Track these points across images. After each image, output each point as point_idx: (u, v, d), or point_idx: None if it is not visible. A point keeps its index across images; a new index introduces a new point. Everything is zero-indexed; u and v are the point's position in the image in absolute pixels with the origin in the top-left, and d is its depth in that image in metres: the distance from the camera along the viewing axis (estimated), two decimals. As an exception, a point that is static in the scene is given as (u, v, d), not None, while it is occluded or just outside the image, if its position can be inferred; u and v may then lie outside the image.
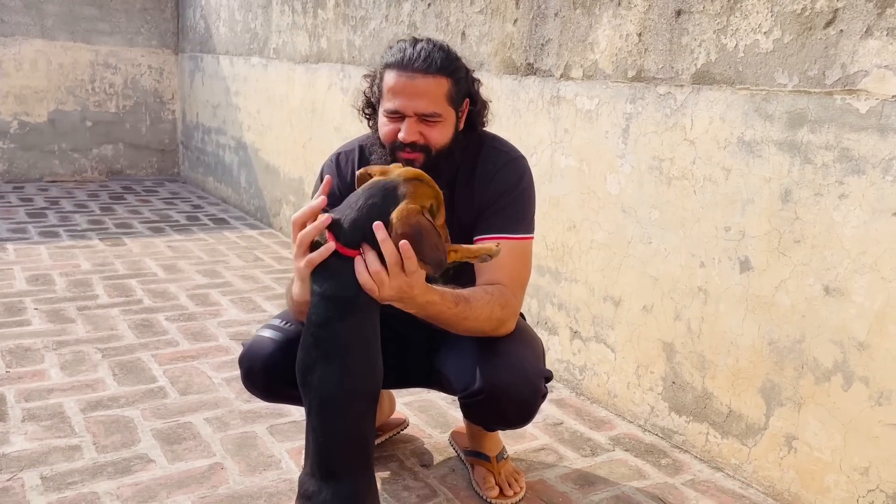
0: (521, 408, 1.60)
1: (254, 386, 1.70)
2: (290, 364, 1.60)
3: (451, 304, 1.46)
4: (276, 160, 4.70)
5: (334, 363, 1.34)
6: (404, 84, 1.53)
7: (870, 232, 1.67)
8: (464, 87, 1.62)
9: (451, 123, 1.59)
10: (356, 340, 1.36)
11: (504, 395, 1.54)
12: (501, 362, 1.55)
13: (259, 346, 1.66)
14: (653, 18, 2.14)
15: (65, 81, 5.87)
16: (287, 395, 1.70)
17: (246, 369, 1.68)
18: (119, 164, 6.22)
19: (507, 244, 1.60)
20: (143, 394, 2.32)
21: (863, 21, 1.65)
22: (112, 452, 1.96)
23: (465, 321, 1.50)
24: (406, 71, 1.54)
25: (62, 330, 2.81)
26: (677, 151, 2.11)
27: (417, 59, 1.54)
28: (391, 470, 1.97)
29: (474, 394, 1.55)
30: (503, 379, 1.53)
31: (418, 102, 1.53)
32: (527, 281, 1.68)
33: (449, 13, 2.96)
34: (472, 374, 1.56)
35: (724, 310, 2.01)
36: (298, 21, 4.25)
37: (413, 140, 1.54)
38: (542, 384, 1.61)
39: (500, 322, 1.56)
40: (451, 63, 1.58)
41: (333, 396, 1.33)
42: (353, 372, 1.35)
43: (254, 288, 3.49)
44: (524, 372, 1.57)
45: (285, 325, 1.69)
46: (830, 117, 1.73)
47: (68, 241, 4.12)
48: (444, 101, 1.56)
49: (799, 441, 1.85)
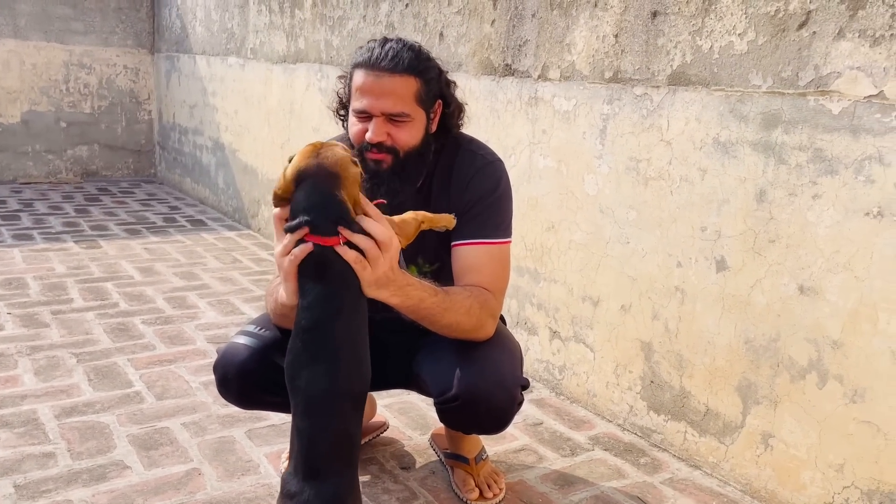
0: (496, 415, 1.59)
1: (228, 393, 1.69)
2: (265, 371, 1.59)
3: (431, 292, 1.46)
4: (254, 161, 4.66)
5: (323, 364, 1.33)
6: (371, 83, 1.53)
7: (843, 232, 1.69)
8: (435, 87, 1.61)
9: (420, 124, 1.58)
10: (345, 341, 1.36)
11: (479, 402, 1.54)
12: (478, 368, 1.54)
13: (233, 353, 1.65)
14: (629, 20, 2.15)
15: (38, 82, 5.79)
16: (263, 401, 1.69)
17: (220, 376, 1.67)
18: (94, 165, 6.14)
19: (486, 249, 1.60)
20: (118, 399, 2.29)
21: (835, 23, 1.67)
22: (87, 459, 1.94)
23: (446, 312, 1.49)
24: (373, 70, 1.53)
25: (36, 335, 2.76)
26: (654, 152, 2.12)
27: (385, 58, 1.53)
28: (371, 473, 1.96)
29: (450, 399, 1.55)
30: (479, 385, 1.53)
31: (385, 102, 1.52)
32: (506, 285, 1.67)
33: (427, 13, 2.96)
34: (449, 380, 1.55)
35: (701, 309, 2.02)
36: (276, 21, 4.22)
37: (380, 140, 1.54)
38: (518, 391, 1.60)
39: (479, 321, 1.55)
40: (421, 63, 1.57)
41: (321, 397, 1.33)
42: (341, 372, 1.34)
43: (232, 290, 3.46)
44: (500, 379, 1.56)
45: (260, 331, 1.68)
46: (804, 118, 1.75)
47: (42, 244, 4.06)
48: (412, 100, 1.55)
49: (775, 439, 1.87)
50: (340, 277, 1.34)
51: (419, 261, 1.70)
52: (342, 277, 1.34)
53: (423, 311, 1.47)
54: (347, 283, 1.35)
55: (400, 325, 1.64)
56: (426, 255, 1.69)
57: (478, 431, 1.72)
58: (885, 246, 1.61)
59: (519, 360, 1.67)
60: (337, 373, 1.34)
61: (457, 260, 1.62)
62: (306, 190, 1.34)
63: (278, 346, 1.62)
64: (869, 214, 1.63)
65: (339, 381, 1.34)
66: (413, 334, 1.67)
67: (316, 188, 1.34)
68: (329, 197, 1.33)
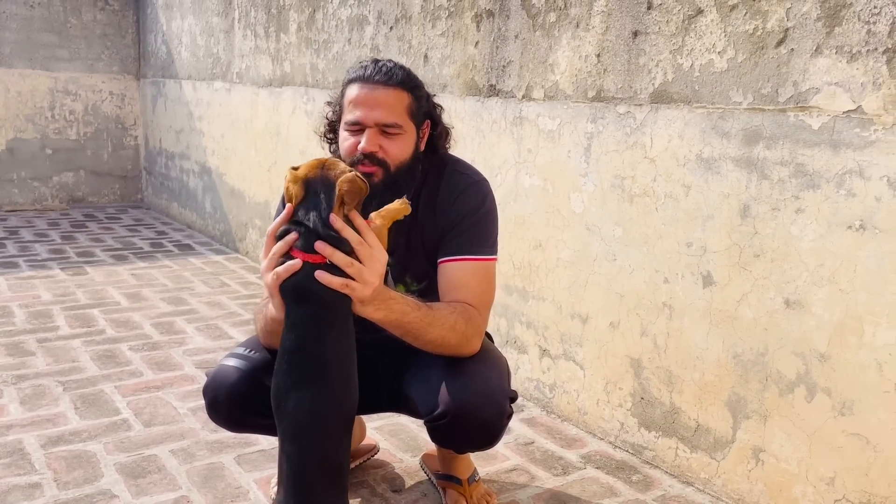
0: (486, 429, 1.58)
1: (219, 416, 1.67)
2: (256, 393, 1.58)
3: (414, 307, 1.47)
4: (241, 184, 4.66)
5: (309, 388, 1.32)
6: (365, 95, 1.56)
7: (826, 245, 1.70)
8: (424, 106, 1.64)
9: (411, 139, 1.60)
10: (331, 363, 1.35)
11: (469, 417, 1.53)
12: (465, 384, 1.54)
13: (223, 376, 1.64)
14: (610, 39, 2.18)
15: (23, 109, 5.78)
16: (253, 424, 1.67)
17: (210, 399, 1.66)
18: (80, 191, 6.12)
19: (471, 265, 1.61)
20: (105, 427, 2.26)
21: (812, 40, 1.70)
22: (74, 489, 1.91)
23: (430, 327, 1.49)
24: (367, 83, 1.57)
25: (21, 363, 2.74)
26: (638, 169, 2.14)
27: (379, 72, 1.58)
28: (362, 496, 1.95)
29: (439, 417, 1.55)
30: (467, 400, 1.52)
31: (378, 112, 1.55)
32: (492, 302, 1.68)
33: (411, 36, 2.98)
34: (437, 397, 1.55)
35: (689, 324, 2.03)
36: (261, 45, 4.24)
37: (372, 151, 1.55)
38: (507, 404, 1.60)
39: (464, 337, 1.55)
40: (412, 80, 1.62)
41: (307, 421, 1.32)
42: (328, 396, 1.33)
43: (220, 314, 3.44)
44: (488, 392, 1.56)
45: (250, 353, 1.67)
46: (784, 134, 1.77)
47: (28, 272, 4.03)
48: (404, 113, 1.58)
49: (766, 453, 1.87)
50: (324, 298, 1.34)
51: (407, 279, 1.70)
52: (326, 298, 1.34)
53: (407, 325, 1.48)
54: (332, 303, 1.35)
55: (388, 345, 1.63)
56: (414, 273, 1.69)
57: (469, 447, 1.71)
58: (868, 258, 1.63)
59: (506, 373, 1.67)
60: (324, 396, 1.33)
61: (443, 276, 1.62)
62: (311, 202, 1.36)
63: (268, 368, 1.61)
64: (851, 228, 1.65)
65: (327, 405, 1.33)
66: (401, 354, 1.66)
67: (318, 202, 1.35)
68: (325, 212, 1.34)
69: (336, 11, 3.50)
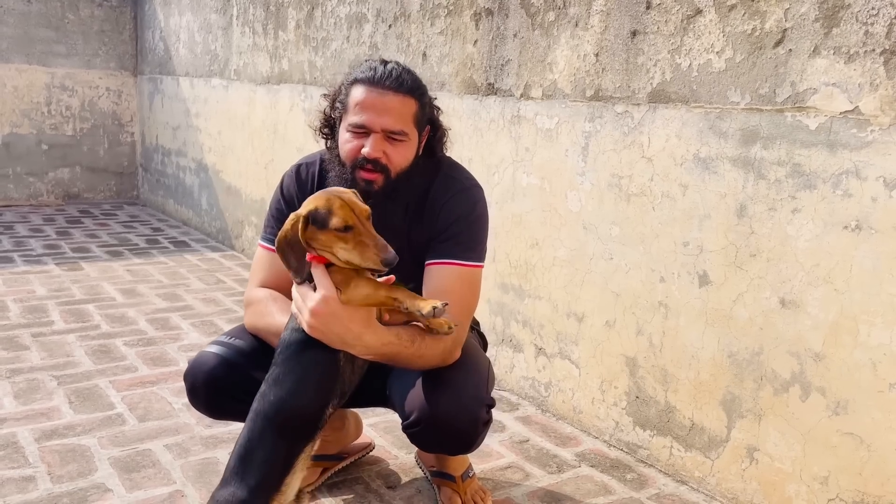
0: (459, 437, 1.57)
1: (198, 402, 1.67)
2: (235, 378, 1.60)
3: (408, 343, 1.47)
4: (237, 181, 4.65)
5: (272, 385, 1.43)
6: (374, 99, 1.54)
7: (822, 245, 1.71)
8: (428, 111, 1.64)
9: (413, 146, 1.60)
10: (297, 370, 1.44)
11: (441, 426, 1.53)
12: (439, 392, 1.54)
13: (202, 362, 1.64)
14: (609, 39, 2.18)
15: (20, 104, 5.76)
16: (234, 410, 1.67)
17: (189, 385, 1.66)
18: (76, 187, 6.10)
19: (457, 271, 1.60)
20: (100, 421, 2.26)
21: (810, 41, 1.70)
22: (68, 482, 1.91)
23: (420, 359, 1.51)
24: (377, 87, 1.55)
25: (16, 357, 2.73)
26: (635, 169, 2.14)
27: (389, 76, 1.55)
28: (357, 493, 1.95)
29: (412, 424, 1.55)
30: (440, 409, 1.52)
31: (386, 119, 1.54)
32: (474, 309, 1.67)
33: (410, 34, 2.98)
34: (412, 405, 1.55)
35: (685, 324, 2.04)
36: (259, 42, 4.24)
37: (376, 157, 1.54)
38: (481, 412, 1.57)
39: (447, 353, 1.55)
40: (419, 87, 1.61)
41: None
42: (275, 397, 1.42)
43: (215, 311, 3.44)
44: (461, 401, 1.54)
45: (232, 340, 1.68)
46: (782, 134, 1.77)
47: (23, 267, 4.02)
48: (410, 121, 1.57)
49: (760, 452, 1.88)
50: None
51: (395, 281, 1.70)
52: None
53: (400, 361, 1.51)
54: None
55: None
56: (402, 275, 1.69)
57: (446, 453, 1.73)
58: (863, 259, 1.64)
59: (485, 378, 1.64)
60: (274, 396, 1.42)
61: (428, 279, 1.62)
62: None
63: (249, 355, 1.62)
64: (847, 228, 1.66)
65: (274, 404, 1.41)
66: None
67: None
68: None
69: (335, 9, 3.50)
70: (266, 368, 1.47)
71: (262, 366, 1.52)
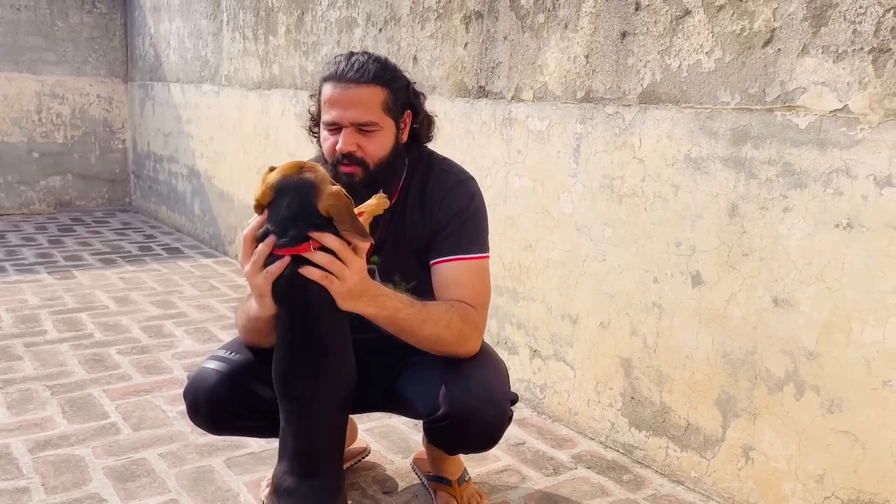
0: (487, 431, 1.57)
1: (199, 419, 1.66)
2: (236, 395, 1.59)
3: (407, 303, 1.47)
4: (230, 187, 4.64)
5: (311, 373, 1.41)
6: (339, 95, 1.55)
7: (814, 244, 1.71)
8: (403, 97, 1.62)
9: (389, 134, 1.59)
10: (330, 350, 1.43)
11: (470, 419, 1.52)
12: (466, 386, 1.53)
13: (203, 379, 1.63)
14: (599, 40, 2.19)
15: (10, 112, 5.74)
16: (235, 426, 1.67)
17: (190, 402, 1.64)
18: (68, 195, 6.08)
19: (465, 264, 1.60)
20: (94, 431, 2.25)
21: (799, 40, 1.71)
22: (62, 493, 1.90)
23: (424, 324, 1.49)
24: (340, 82, 1.55)
25: (8, 367, 2.71)
26: (627, 170, 2.14)
27: (350, 69, 1.56)
28: (353, 498, 1.94)
29: (440, 418, 1.53)
30: (469, 402, 1.51)
31: (352, 112, 1.54)
32: (488, 299, 1.67)
33: (400, 38, 2.98)
34: (437, 399, 1.53)
35: (679, 324, 2.04)
36: (250, 48, 4.23)
37: (349, 150, 1.54)
38: (507, 407, 1.59)
39: (461, 335, 1.54)
40: (387, 73, 1.59)
41: (313, 401, 1.42)
42: (328, 379, 1.42)
43: (209, 317, 3.43)
44: (490, 395, 1.55)
45: (231, 355, 1.66)
46: (772, 133, 1.78)
47: (15, 276, 4.00)
48: (379, 109, 1.56)
49: (755, 451, 1.88)
50: (314, 288, 1.37)
51: (395, 279, 1.69)
52: (316, 288, 1.37)
53: (401, 321, 1.48)
54: (322, 293, 1.38)
55: (382, 345, 1.63)
56: (402, 273, 1.69)
57: (468, 449, 1.71)
58: (855, 257, 1.64)
59: (505, 375, 1.66)
60: (325, 380, 1.42)
61: (436, 277, 1.62)
62: (287, 200, 1.38)
63: (249, 370, 1.61)
64: (839, 226, 1.66)
65: (331, 386, 1.43)
66: (397, 354, 1.66)
67: (297, 198, 1.37)
68: (310, 207, 1.36)
69: (325, 14, 3.50)
70: (266, 381, 1.47)
71: (262, 379, 1.51)
